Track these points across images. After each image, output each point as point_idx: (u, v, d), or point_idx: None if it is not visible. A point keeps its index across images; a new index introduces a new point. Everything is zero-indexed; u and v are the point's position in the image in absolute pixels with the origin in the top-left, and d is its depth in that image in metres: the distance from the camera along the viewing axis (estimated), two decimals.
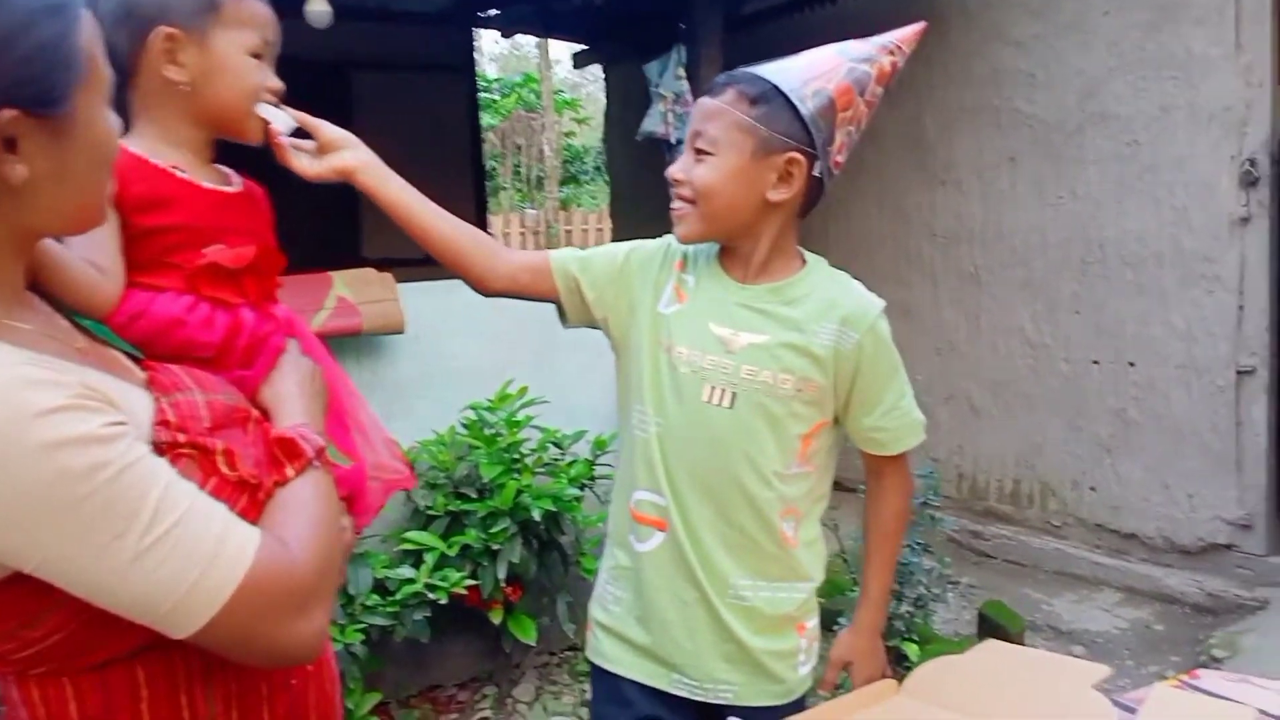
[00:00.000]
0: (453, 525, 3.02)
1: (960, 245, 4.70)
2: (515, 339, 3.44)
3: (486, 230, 3.61)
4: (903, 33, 1.51)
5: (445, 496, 3.05)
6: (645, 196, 4.90)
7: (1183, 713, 1.30)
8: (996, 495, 4.68)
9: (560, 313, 1.59)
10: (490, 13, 6.25)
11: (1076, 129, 4.19)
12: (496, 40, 15.34)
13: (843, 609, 3.06)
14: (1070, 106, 4.20)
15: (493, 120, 17.17)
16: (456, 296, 3.30)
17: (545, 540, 3.12)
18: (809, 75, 1.43)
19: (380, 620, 2.79)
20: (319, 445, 1.05)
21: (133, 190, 1.13)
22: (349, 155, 1.40)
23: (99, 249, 1.09)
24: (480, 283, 1.53)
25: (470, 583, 2.93)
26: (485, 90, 16.18)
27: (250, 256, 1.21)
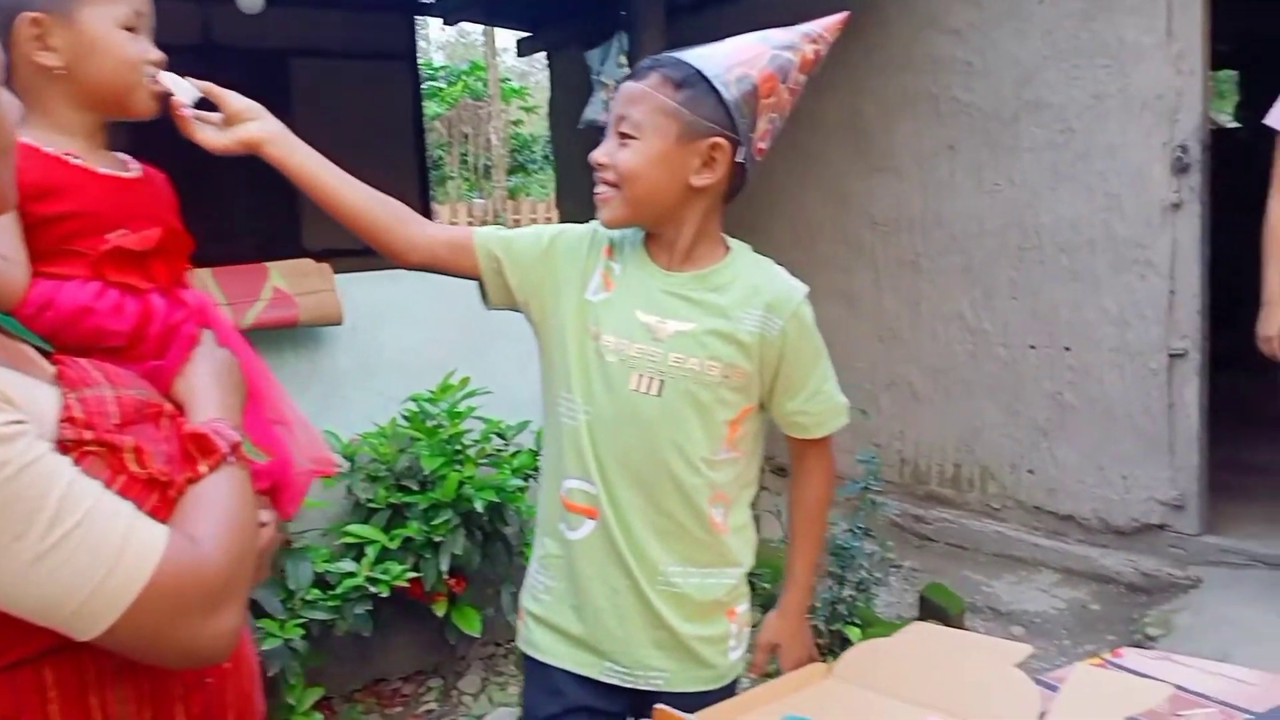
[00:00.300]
0: (394, 518, 3.00)
1: (900, 233, 4.74)
2: (455, 330, 3.42)
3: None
4: (825, 22, 1.51)
5: (386, 489, 3.02)
6: (591, 185, 4.88)
7: (1102, 690, 1.34)
8: (938, 479, 4.74)
9: (482, 292, 1.56)
10: None
11: (1013, 117, 4.24)
12: (443, 28, 15.17)
13: None
14: (1006, 95, 4.25)
15: (439, 109, 17.03)
16: (395, 287, 3.31)
17: (489, 532, 3.11)
18: (733, 61, 1.43)
19: (321, 615, 2.76)
20: (234, 440, 1.03)
21: (25, 179, 1.10)
22: (255, 126, 1.36)
23: (1, 238, 1.07)
24: (398, 255, 1.48)
25: (413, 575, 2.91)
26: (431, 78, 16.03)
27: (156, 239, 1.19)
